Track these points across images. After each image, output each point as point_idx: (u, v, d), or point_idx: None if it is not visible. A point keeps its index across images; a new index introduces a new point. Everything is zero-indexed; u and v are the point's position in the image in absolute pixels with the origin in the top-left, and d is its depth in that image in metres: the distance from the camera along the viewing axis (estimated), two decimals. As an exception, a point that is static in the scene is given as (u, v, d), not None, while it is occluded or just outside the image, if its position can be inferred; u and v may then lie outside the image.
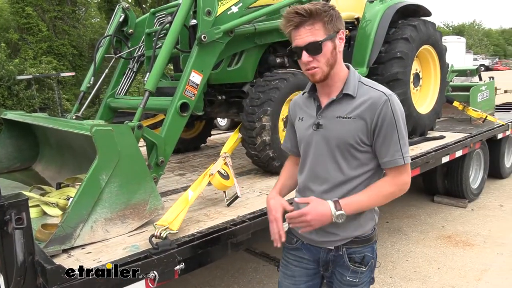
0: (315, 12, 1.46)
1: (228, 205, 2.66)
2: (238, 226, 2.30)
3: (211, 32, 3.03)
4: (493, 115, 6.12)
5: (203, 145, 5.03)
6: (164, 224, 2.13)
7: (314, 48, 1.48)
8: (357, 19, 4.85)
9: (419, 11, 4.95)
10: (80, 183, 2.74)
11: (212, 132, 5.41)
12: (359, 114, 1.54)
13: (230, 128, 10.41)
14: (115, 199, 2.20)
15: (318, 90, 1.67)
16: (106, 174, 2.15)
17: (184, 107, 2.95)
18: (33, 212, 2.49)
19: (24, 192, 2.63)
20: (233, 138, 3.29)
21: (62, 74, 12.90)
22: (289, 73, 3.37)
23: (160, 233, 2.07)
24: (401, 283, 3.59)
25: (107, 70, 3.91)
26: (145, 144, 2.81)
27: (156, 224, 2.15)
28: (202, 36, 2.97)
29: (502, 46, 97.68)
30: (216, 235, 2.21)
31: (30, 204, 2.54)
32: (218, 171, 2.68)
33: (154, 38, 3.73)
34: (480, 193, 5.70)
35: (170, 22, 3.06)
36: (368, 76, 4.44)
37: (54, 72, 13.34)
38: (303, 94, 1.77)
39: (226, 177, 2.71)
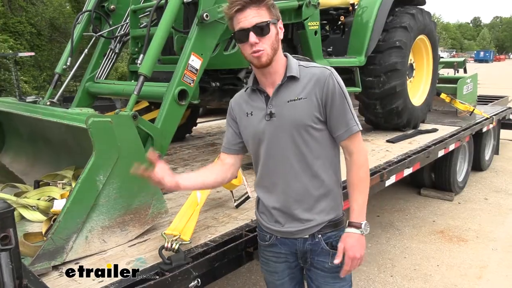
0: None
1: (237, 206, 2.38)
2: (255, 233, 2.02)
3: (214, 11, 2.68)
4: (475, 108, 6.13)
5: (187, 135, 4.68)
6: (174, 234, 1.82)
7: (262, 29, 1.48)
8: (352, 5, 4.62)
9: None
10: (62, 181, 2.38)
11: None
12: (308, 93, 1.54)
13: (204, 114, 10.01)
14: (113, 204, 1.87)
15: (261, 82, 1.63)
16: (103, 175, 1.81)
17: (182, 94, 2.61)
18: (9, 217, 2.10)
19: (-4, 193, 2.24)
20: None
21: (20, 54, 11.90)
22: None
23: (172, 244, 1.76)
24: (403, 282, 3.45)
25: (86, 50, 3.46)
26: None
27: (165, 234, 1.83)
28: (204, 15, 2.62)
29: (459, 39, 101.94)
30: (232, 245, 1.93)
31: (4, 207, 2.14)
32: (226, 169, 2.37)
33: (140, 15, 3.37)
34: (465, 186, 5.70)
35: (166, -2, 2.68)
36: (365, 65, 4.24)
37: (11, 51, 12.31)
38: (245, 90, 1.71)
39: (234, 175, 2.41)
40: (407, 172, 3.64)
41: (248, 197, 2.37)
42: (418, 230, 4.44)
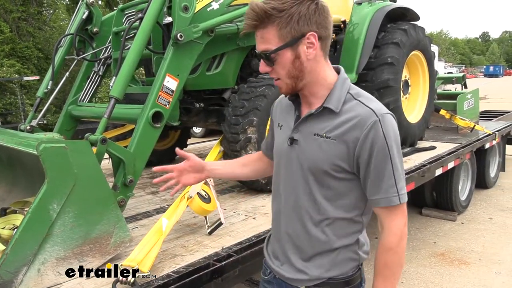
0: (266, 14, 1.15)
1: (210, 233, 2.26)
2: (223, 263, 1.91)
3: (189, 31, 2.63)
4: (478, 124, 5.97)
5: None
6: (132, 265, 1.71)
7: (267, 58, 1.21)
8: (344, 22, 4.56)
9: (407, 15, 4.72)
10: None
11: (188, 142, 4.98)
12: (340, 135, 1.21)
13: (206, 135, 9.93)
14: (69, 234, 1.77)
15: (300, 96, 1.34)
16: (57, 203, 1.72)
17: (157, 117, 2.54)
18: (-32, 248, 2.02)
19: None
20: (214, 152, 2.89)
21: (26, 78, 12.10)
22: (277, 79, 3.00)
23: (127, 277, 1.65)
24: (398, 310, 3.26)
25: (67, 73, 3.43)
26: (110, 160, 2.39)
27: (122, 265, 1.72)
28: (178, 35, 2.57)
29: (468, 55, 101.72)
30: (197, 276, 1.81)
31: (-36, 237, 2.07)
32: (198, 193, 2.27)
33: (121, 38, 3.34)
34: (468, 205, 5.50)
35: (141, 19, 2.64)
36: (357, 83, 4.14)
37: (16, 75, 12.51)
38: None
39: (207, 199, 2.31)
40: (401, 192, 3.49)
41: (221, 223, 2.26)
42: (417, 252, 4.25)
